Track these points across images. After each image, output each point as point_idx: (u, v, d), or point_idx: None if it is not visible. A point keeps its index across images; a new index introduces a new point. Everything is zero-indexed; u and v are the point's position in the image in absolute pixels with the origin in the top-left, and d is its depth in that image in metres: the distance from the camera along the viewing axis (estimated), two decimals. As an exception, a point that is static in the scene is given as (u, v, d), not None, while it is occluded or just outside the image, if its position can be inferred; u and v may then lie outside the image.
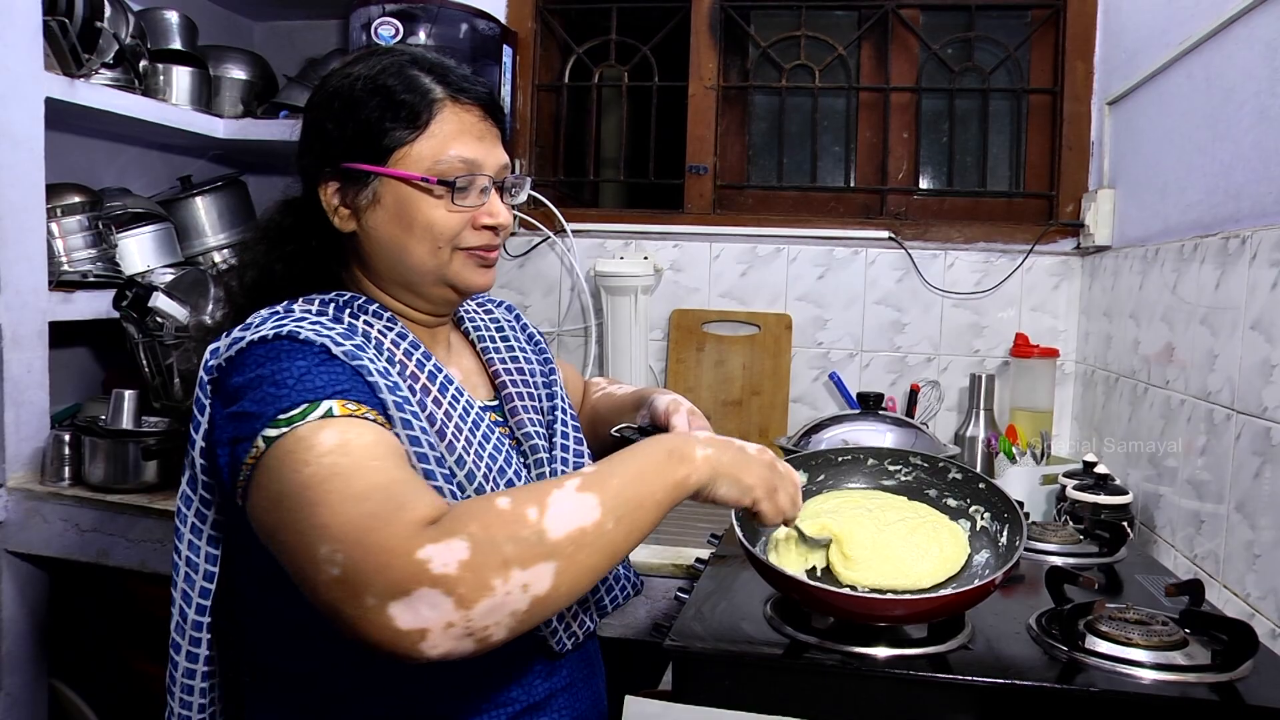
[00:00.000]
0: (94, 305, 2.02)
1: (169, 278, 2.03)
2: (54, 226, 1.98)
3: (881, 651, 0.99)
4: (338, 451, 0.83)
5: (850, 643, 1.01)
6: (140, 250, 2.21)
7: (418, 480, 0.86)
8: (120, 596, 1.95)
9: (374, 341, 1.01)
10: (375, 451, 0.85)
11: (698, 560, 1.43)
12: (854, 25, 2.41)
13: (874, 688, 0.98)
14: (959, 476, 1.20)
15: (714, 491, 0.94)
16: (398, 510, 0.78)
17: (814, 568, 1.12)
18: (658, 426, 1.19)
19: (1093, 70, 2.20)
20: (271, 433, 0.86)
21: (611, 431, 1.23)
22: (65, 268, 2.00)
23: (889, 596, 1.01)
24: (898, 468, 1.24)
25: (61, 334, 2.01)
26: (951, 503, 1.20)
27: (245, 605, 1.04)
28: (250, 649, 1.05)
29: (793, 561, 1.11)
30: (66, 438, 1.91)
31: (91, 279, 2.03)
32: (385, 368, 0.96)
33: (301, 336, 0.93)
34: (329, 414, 0.87)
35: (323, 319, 0.99)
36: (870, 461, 1.25)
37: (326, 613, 0.78)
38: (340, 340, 0.94)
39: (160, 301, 1.90)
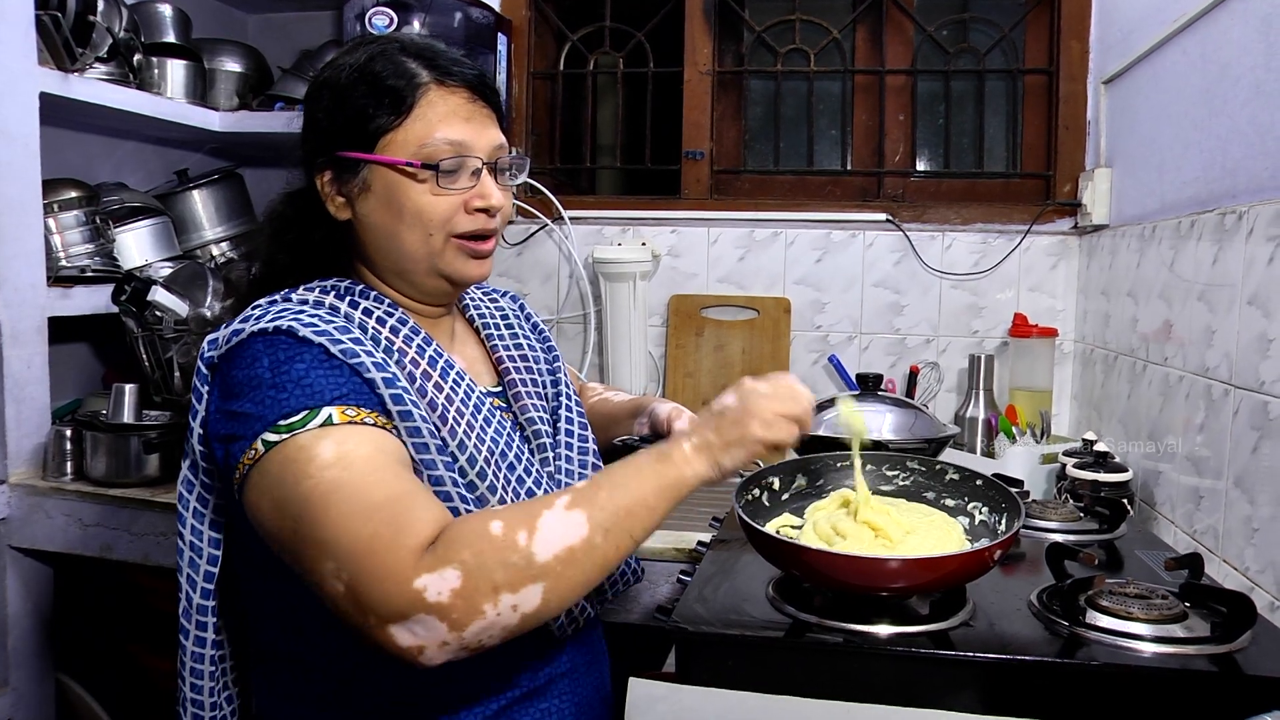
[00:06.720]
0: (92, 300, 2.02)
1: (167, 271, 2.02)
2: (51, 222, 1.98)
3: (883, 629, 1.00)
4: (338, 465, 0.85)
5: (852, 621, 1.01)
6: (138, 244, 2.20)
7: (417, 491, 0.87)
8: (125, 590, 1.96)
9: (371, 332, 1.00)
10: (376, 462, 0.87)
11: (699, 543, 1.43)
12: (848, 8, 2.40)
13: (876, 665, 0.98)
14: (956, 477, 1.21)
15: (725, 469, 0.96)
16: (397, 534, 0.81)
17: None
18: (659, 435, 1.20)
19: (1088, 49, 2.19)
20: (271, 438, 0.87)
21: (614, 441, 1.23)
22: (63, 263, 2.00)
23: (887, 556, 1.00)
24: (895, 473, 1.25)
25: (61, 329, 2.01)
26: (949, 502, 1.20)
27: (247, 590, 1.05)
28: (253, 633, 1.06)
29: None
30: (68, 433, 1.91)
31: (90, 274, 2.03)
32: (383, 360, 0.96)
33: (300, 334, 0.93)
34: (328, 421, 0.88)
35: (321, 310, 0.99)
36: (868, 466, 1.24)
37: (336, 616, 0.83)
38: (338, 336, 0.94)
39: (159, 295, 1.90)
